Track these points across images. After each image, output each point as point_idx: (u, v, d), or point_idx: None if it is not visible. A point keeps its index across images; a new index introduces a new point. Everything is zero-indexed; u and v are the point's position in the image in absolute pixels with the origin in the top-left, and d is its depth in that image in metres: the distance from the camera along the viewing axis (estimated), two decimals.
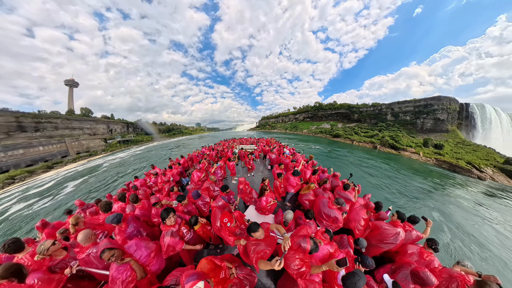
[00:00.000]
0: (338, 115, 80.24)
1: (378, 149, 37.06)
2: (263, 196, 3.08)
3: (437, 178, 19.52)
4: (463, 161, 26.77)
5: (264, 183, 3.39)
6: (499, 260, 7.52)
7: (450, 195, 14.27)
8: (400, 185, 15.67)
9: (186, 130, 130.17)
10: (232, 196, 3.54)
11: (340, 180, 4.28)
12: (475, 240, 8.53)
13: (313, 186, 3.42)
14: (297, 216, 2.69)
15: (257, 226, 1.70)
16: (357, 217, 2.72)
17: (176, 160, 7.33)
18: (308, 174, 4.49)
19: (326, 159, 24.44)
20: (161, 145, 56.29)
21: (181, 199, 3.03)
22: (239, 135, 24.36)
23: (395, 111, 59.20)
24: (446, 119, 47.15)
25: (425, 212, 10.90)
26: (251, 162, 6.39)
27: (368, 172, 19.29)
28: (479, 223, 10.35)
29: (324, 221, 2.78)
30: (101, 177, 21.63)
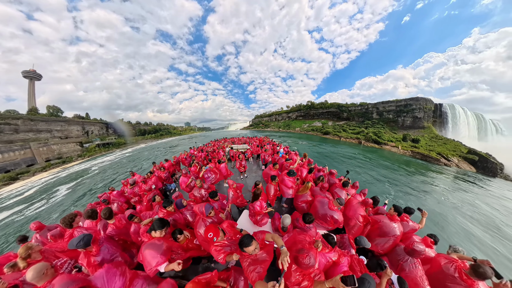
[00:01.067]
0: (329, 114, 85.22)
1: (363, 144, 42.05)
2: (257, 201, 2.81)
3: (412, 166, 23.74)
4: (434, 152, 31.63)
5: (258, 187, 3.07)
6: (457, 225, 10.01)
7: (424, 180, 17.97)
8: (380, 174, 18.48)
9: (175, 131, 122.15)
10: (224, 201, 3.22)
11: (337, 177, 4.20)
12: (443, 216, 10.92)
13: (309, 185, 3.22)
14: (294, 218, 2.50)
15: (249, 240, 1.48)
16: (355, 215, 2.58)
17: (160, 164, 6.22)
18: (305, 173, 4.24)
19: (314, 154, 27.19)
20: (152, 146, 52.90)
21: (167, 204, 2.67)
22: (232, 135, 23.26)
23: (379, 110, 66.54)
24: (423, 117, 54.00)
25: (402, 197, 13.31)
26: (243, 163, 5.93)
27: (352, 163, 22.46)
28: (445, 203, 13.13)
29: (324, 224, 2.59)
30: (86, 187, 19.08)
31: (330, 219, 2.55)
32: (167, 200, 2.75)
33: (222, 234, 1.80)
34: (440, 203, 13.06)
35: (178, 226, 2.70)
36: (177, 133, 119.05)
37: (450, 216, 11.34)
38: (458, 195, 15.13)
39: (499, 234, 9.98)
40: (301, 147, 33.47)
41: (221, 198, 3.25)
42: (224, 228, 1.94)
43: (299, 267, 1.40)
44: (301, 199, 3.21)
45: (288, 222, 2.29)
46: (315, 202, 2.87)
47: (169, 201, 2.74)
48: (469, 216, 11.66)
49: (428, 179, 18.67)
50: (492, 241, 9.21)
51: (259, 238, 1.73)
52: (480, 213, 12.38)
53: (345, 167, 19.25)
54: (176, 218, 2.76)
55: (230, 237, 1.88)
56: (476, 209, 12.83)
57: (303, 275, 1.41)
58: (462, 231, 9.91)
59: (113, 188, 4.67)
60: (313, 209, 2.82)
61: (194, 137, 74.51)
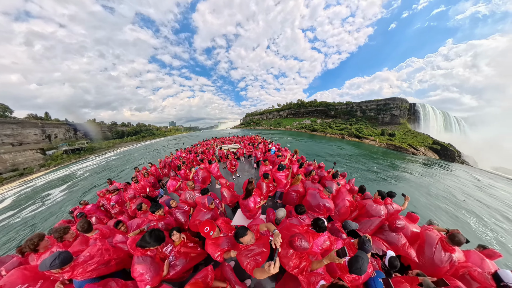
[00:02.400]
0: (317, 112, 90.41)
1: (346, 139, 47.92)
2: (250, 197, 2.78)
3: (387, 156, 28.83)
4: (406, 144, 38.43)
5: (251, 183, 3.05)
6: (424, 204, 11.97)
7: (396, 166, 22.53)
8: (360, 163, 22.38)
9: (158, 131, 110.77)
10: (217, 200, 3.17)
11: (326, 170, 4.45)
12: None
13: (300, 177, 3.37)
14: (288, 210, 2.60)
15: (245, 230, 1.53)
16: (342, 202, 2.83)
17: (143, 169, 5.64)
18: (295, 168, 4.40)
19: (302, 149, 29.28)
20: (134, 150, 47.86)
21: (155, 208, 2.47)
22: (222, 134, 22.54)
23: (363, 108, 73.61)
24: (399, 114, 62.23)
25: (378, 181, 16.10)
26: (233, 162, 5.72)
27: (335, 154, 26.71)
28: (414, 183, 16.30)
29: (318, 214, 2.74)
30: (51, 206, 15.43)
31: (323, 208, 2.70)
32: (155, 204, 2.53)
33: (218, 230, 1.79)
34: (411, 185, 15.96)
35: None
36: (161, 134, 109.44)
37: (420, 194, 13.87)
38: (425, 177, 18.64)
39: (460, 205, 12.52)
40: (292, 144, 35.55)
41: (213, 197, 3.17)
42: (219, 225, 1.93)
43: (294, 250, 1.46)
44: (292, 189, 3.35)
45: (282, 215, 2.30)
46: (307, 194, 2.99)
47: (157, 206, 2.52)
48: (434, 193, 14.39)
49: (400, 165, 23.08)
50: (455, 211, 11.62)
51: (254, 229, 1.76)
52: (444, 190, 15.54)
53: (331, 159, 21.80)
54: (168, 222, 2.58)
55: (226, 234, 1.88)
56: (439, 187, 16.00)
57: (300, 258, 1.47)
58: (432, 205, 12.06)
59: (86, 202, 3.88)
60: (306, 201, 2.94)
61: (181, 138, 69.38)
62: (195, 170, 4.47)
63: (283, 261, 1.51)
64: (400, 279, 1.54)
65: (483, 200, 13.82)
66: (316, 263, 1.46)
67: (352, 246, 1.75)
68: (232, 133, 21.17)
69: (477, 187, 17.21)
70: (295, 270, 1.46)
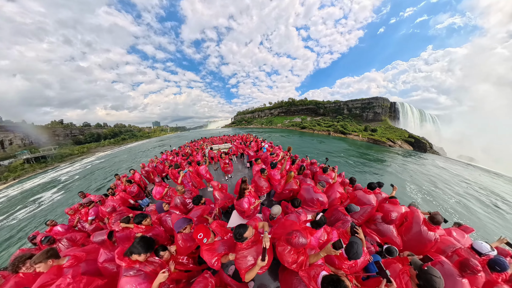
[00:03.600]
0: (308, 110, 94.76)
1: (331, 135, 52.96)
2: (243, 197, 2.74)
3: (368, 149, 33.92)
4: (384, 138, 44.03)
5: (244, 182, 3.03)
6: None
7: (377, 158, 26.43)
8: (344, 155, 26.12)
9: (141, 133, 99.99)
10: (212, 205, 3.06)
11: (318, 166, 4.61)
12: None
13: (292, 174, 3.46)
14: (284, 206, 2.63)
15: (244, 227, 1.53)
16: (333, 194, 3.00)
17: (123, 177, 5.01)
18: (288, 165, 4.44)
19: (286, 143, 32.62)
20: (113, 154, 42.72)
21: (141, 218, 2.25)
22: (212, 134, 21.84)
23: (349, 106, 79.83)
24: (381, 112, 71.26)
25: (362, 171, 18.79)
26: (226, 162, 5.56)
27: (321, 149, 29.69)
28: (392, 170, 19.91)
29: (311, 208, 2.82)
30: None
31: (316, 202, 2.79)
32: (140, 215, 2.29)
33: (212, 235, 1.73)
34: (390, 172, 19.09)
35: (160, 242, 2.30)
36: (145, 135, 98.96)
37: (399, 179, 16.76)
38: (401, 165, 23.16)
39: (434, 187, 15.48)
40: (277, 140, 37.85)
41: (208, 202, 3.04)
42: (213, 228, 1.87)
43: (292, 246, 1.49)
44: (287, 187, 3.41)
45: (276, 211, 2.29)
46: (301, 190, 3.08)
47: (143, 216, 2.29)
48: (410, 177, 17.39)
49: (380, 156, 27.54)
50: (432, 194, 14.11)
51: (253, 225, 1.74)
52: (421, 174, 19.14)
53: (322, 155, 24.59)
54: (157, 233, 2.34)
55: (222, 237, 1.82)
56: (413, 173, 19.50)
57: (297, 253, 1.51)
58: (410, 190, 14.30)
59: (54, 222, 3.11)
60: (300, 196, 3.02)
61: (168, 139, 65.37)
62: (183, 174, 4.19)
63: (281, 258, 1.53)
64: (392, 260, 1.67)
65: (447, 181, 17.77)
66: (313, 256, 1.50)
67: (345, 234, 1.90)
68: (223, 132, 20.49)
69: (443, 172, 21.55)
70: (293, 265, 1.48)
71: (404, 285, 1.32)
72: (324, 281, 1.12)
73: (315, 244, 1.79)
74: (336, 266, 1.60)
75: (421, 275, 1.24)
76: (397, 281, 1.36)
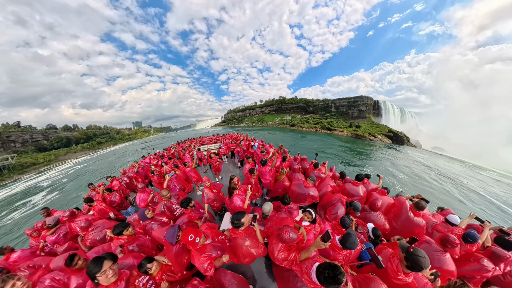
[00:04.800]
0: (298, 108, 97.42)
1: (318, 131, 57.06)
2: (234, 196, 2.69)
3: (351, 143, 37.78)
4: (367, 133, 48.79)
5: (233, 181, 2.97)
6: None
7: (360, 151, 29.53)
8: (333, 150, 28.90)
9: (120, 135, 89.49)
10: (201, 209, 2.90)
11: (308, 162, 4.71)
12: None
13: (285, 171, 3.48)
14: (276, 205, 2.64)
15: (242, 213, 1.60)
16: (325, 188, 3.15)
17: (100, 186, 4.45)
18: (278, 162, 4.45)
19: (270, 139, 35.28)
20: (87, 161, 37.90)
21: (121, 229, 2.00)
22: (201, 134, 20.51)
23: (336, 105, 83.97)
24: (365, 110, 73.89)
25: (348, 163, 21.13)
26: (216, 164, 5.42)
27: (303, 145, 31.81)
28: (373, 161, 22.65)
29: (304, 203, 2.89)
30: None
31: (308, 197, 2.86)
32: (120, 225, 2.03)
33: (204, 237, 1.67)
34: (373, 164, 20.94)
35: (146, 252, 2.08)
36: (125, 137, 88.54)
37: (380, 169, 18.89)
38: (380, 156, 26.63)
39: (412, 174, 18.22)
40: (262, 136, 41.03)
41: (197, 206, 2.87)
42: (203, 231, 1.78)
43: (283, 243, 1.50)
44: (279, 184, 3.44)
45: (268, 209, 2.25)
46: (292, 185, 3.14)
47: (123, 225, 2.04)
48: (390, 166, 20.08)
49: (361, 149, 31.00)
50: (409, 180, 16.53)
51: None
52: (400, 165, 21.66)
53: (309, 150, 26.12)
54: (142, 243, 2.10)
55: (213, 240, 1.74)
56: (393, 163, 22.02)
57: (288, 250, 1.52)
58: (393, 178, 16.40)
59: (11, 247, 2.59)
60: (292, 192, 3.06)
61: (152, 141, 59.38)
62: (169, 177, 3.95)
63: (272, 256, 1.54)
64: (383, 246, 1.77)
65: (420, 168, 21.34)
66: (304, 253, 1.51)
67: (337, 226, 1.98)
68: (212, 132, 19.61)
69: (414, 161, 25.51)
70: (284, 262, 1.48)
71: (395, 268, 1.41)
72: (320, 267, 1.12)
73: (312, 239, 1.83)
74: (331, 258, 1.65)
75: (408, 257, 1.33)
76: (388, 265, 1.45)
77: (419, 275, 1.41)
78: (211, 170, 6.35)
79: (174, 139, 32.98)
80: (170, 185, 4.06)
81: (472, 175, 20.30)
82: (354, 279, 1.36)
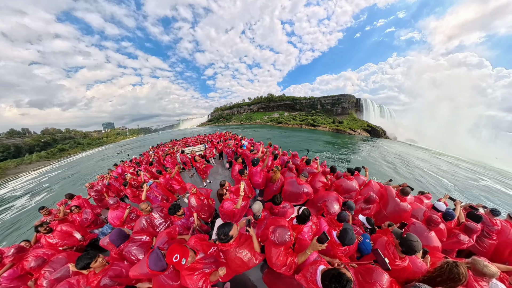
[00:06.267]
0: (285, 106, 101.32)
1: (303, 127, 61.85)
2: (224, 201, 2.60)
3: (333, 137, 42.95)
4: (347, 128, 54.15)
5: (223, 187, 2.87)
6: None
7: (342, 144, 33.47)
8: (314, 144, 31.03)
9: (87, 140, 74.19)
10: (191, 218, 2.68)
11: (299, 158, 4.71)
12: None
13: (279, 169, 3.42)
14: (269, 206, 2.54)
15: (229, 225, 1.45)
16: (316, 184, 3.15)
17: (61, 203, 3.50)
18: (270, 160, 4.36)
19: (253, 135, 38.07)
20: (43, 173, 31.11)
21: (88, 261, 1.56)
22: (186, 134, 18.70)
23: (322, 102, 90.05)
24: (348, 107, 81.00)
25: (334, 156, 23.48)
26: (202, 167, 5.09)
27: (291, 140, 34.35)
28: (353, 154, 25.54)
29: (297, 202, 2.88)
30: None
31: (303, 194, 2.85)
32: (86, 256, 1.57)
33: (192, 253, 1.46)
34: (353, 156, 23.48)
35: (125, 283, 1.71)
36: (95, 142, 74.12)
37: (360, 160, 21.46)
38: (362, 148, 29.85)
39: (391, 163, 20.73)
40: (245, 132, 43.19)
41: (187, 215, 2.61)
42: (192, 246, 1.57)
43: (277, 244, 1.46)
44: (276, 186, 3.35)
45: (257, 208, 2.15)
46: (286, 184, 3.11)
47: (89, 256, 1.57)
48: (371, 157, 22.66)
49: (340, 142, 35.15)
50: (390, 168, 18.62)
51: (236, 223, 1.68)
52: (384, 155, 24.40)
53: (292, 146, 27.95)
54: (118, 274, 1.71)
55: (205, 254, 1.55)
56: (372, 155, 24.48)
57: (286, 255, 1.48)
58: (378, 167, 18.17)
59: None
60: (285, 190, 3.03)
61: (128, 145, 51.33)
62: (148, 187, 3.48)
63: (270, 262, 1.50)
64: (378, 234, 1.94)
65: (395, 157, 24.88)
66: (301, 255, 1.51)
67: (334, 220, 2.04)
68: (198, 132, 18.56)
69: (393, 152, 29.38)
70: (283, 268, 1.46)
71: (391, 254, 1.52)
72: (325, 278, 1.11)
73: (308, 241, 1.77)
74: (331, 254, 1.66)
75: (403, 243, 1.45)
76: (385, 252, 1.54)
77: (413, 257, 1.51)
78: (197, 174, 5.89)
79: (155, 141, 29.78)
80: (150, 196, 3.58)
81: (428, 159, 25.04)
82: (356, 271, 1.34)
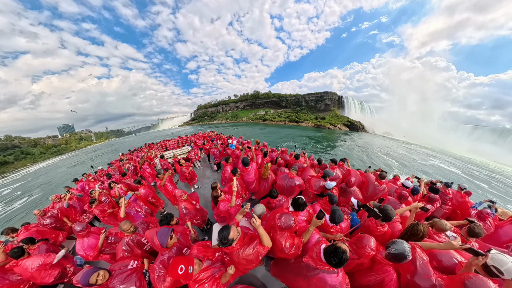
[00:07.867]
0: (271, 103, 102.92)
1: (286, 124, 65.94)
2: (220, 202, 2.54)
3: (313, 132, 47.89)
4: (328, 123, 60.27)
5: (216, 189, 2.68)
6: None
7: (324, 138, 38.87)
8: (297, 140, 34.60)
9: (40, 148, 60.32)
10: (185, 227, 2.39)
11: (288, 153, 4.99)
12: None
13: (269, 165, 3.49)
14: (266, 202, 2.61)
15: (227, 228, 1.39)
16: (306, 177, 3.40)
17: (19, 235, 2.68)
18: (260, 158, 4.54)
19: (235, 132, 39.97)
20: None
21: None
22: (166, 136, 18.15)
23: (306, 99, 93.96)
24: (330, 104, 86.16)
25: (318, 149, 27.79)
26: (187, 172, 4.78)
27: (277, 136, 37.57)
28: (335, 146, 30.82)
29: (291, 195, 3.10)
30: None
31: (295, 187, 3.06)
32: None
33: (198, 261, 1.41)
34: (335, 151, 26.15)
35: None
36: (50, 151, 59.47)
37: (340, 151, 25.29)
38: (343, 141, 34.58)
39: (369, 152, 25.37)
40: (227, 130, 45.44)
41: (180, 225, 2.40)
42: (195, 254, 1.54)
43: (283, 228, 1.60)
44: (266, 184, 3.44)
45: (260, 210, 2.01)
46: (278, 179, 3.26)
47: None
48: (351, 150, 26.64)
49: (319, 136, 38.98)
50: (368, 157, 22.77)
51: (235, 223, 1.68)
52: (360, 146, 29.58)
53: (276, 143, 29.23)
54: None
55: (211, 259, 1.51)
56: (353, 147, 28.66)
57: (292, 237, 1.62)
58: (358, 157, 21.99)
59: None
60: (278, 185, 3.20)
61: (94, 152, 43.31)
62: (126, 201, 2.90)
63: (279, 247, 1.57)
64: (363, 211, 2.26)
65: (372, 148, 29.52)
66: (305, 234, 1.67)
67: (326, 202, 2.45)
68: (180, 133, 17.38)
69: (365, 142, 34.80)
70: (293, 249, 1.55)
71: (374, 224, 1.90)
72: (326, 254, 1.24)
73: (304, 223, 2.00)
74: (328, 232, 1.95)
75: (381, 212, 1.85)
76: (369, 224, 1.94)
77: (392, 223, 1.97)
78: (186, 182, 5.28)
79: (131, 145, 23.66)
80: (130, 212, 3.01)
81: (395, 149, 30.30)
82: (351, 242, 1.57)
